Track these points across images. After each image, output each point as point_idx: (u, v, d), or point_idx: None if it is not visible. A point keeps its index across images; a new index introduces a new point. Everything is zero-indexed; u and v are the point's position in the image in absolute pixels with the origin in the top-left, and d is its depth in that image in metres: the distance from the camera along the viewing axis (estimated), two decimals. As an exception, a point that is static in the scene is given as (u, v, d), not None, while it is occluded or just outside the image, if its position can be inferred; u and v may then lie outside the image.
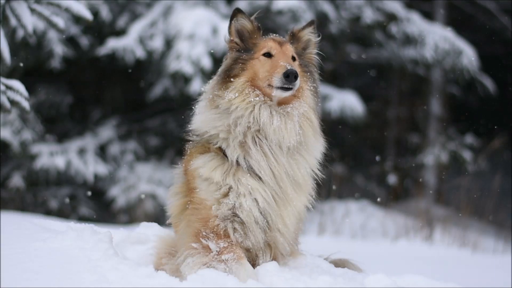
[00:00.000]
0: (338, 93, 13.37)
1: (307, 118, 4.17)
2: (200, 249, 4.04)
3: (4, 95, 5.34)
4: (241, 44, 4.34)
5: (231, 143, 4.10)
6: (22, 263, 3.78)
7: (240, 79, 4.18)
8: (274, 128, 4.07)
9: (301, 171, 4.15)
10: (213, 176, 4.09)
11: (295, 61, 4.26)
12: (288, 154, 4.12)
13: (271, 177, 4.08)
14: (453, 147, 14.81)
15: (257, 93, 4.14)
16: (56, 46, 11.95)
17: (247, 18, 4.41)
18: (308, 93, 4.23)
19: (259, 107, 4.10)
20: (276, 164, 4.09)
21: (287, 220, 4.14)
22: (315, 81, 4.33)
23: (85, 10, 5.74)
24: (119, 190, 12.70)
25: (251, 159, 4.08)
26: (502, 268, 8.46)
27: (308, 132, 4.17)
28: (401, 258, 8.95)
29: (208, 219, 4.09)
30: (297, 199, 4.17)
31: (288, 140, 4.08)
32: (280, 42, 4.31)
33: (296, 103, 4.16)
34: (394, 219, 11.99)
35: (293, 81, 4.05)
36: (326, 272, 4.35)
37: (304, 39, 4.41)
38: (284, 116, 4.11)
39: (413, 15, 14.08)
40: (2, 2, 5.51)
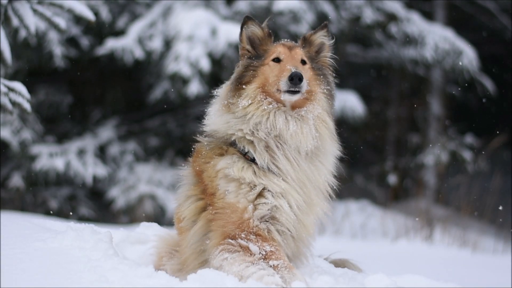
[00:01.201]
0: (339, 93, 13.36)
1: (322, 120, 4.19)
2: (237, 247, 3.93)
3: (6, 96, 5.35)
4: (252, 51, 4.36)
5: (258, 147, 4.09)
6: (22, 263, 3.78)
7: (251, 86, 4.19)
8: (291, 133, 4.09)
9: (322, 177, 4.17)
10: (244, 176, 4.04)
11: (305, 65, 4.27)
12: (308, 159, 4.13)
13: (297, 182, 4.08)
14: (453, 147, 14.81)
15: (269, 100, 4.15)
16: (56, 47, 11.96)
17: (258, 25, 4.38)
18: (321, 96, 4.23)
19: (274, 114, 4.11)
20: (299, 169, 4.09)
21: (310, 229, 4.17)
22: (330, 84, 4.32)
23: (87, 11, 5.76)
24: (118, 191, 12.69)
25: (278, 164, 4.07)
26: (502, 268, 8.47)
27: (325, 135, 4.19)
28: (401, 258, 8.95)
29: (243, 221, 3.99)
30: (319, 205, 4.19)
31: (306, 145, 4.09)
32: (290, 46, 4.33)
33: (309, 106, 4.17)
34: (394, 219, 11.99)
35: (298, 84, 4.06)
36: (326, 272, 4.36)
37: (317, 43, 4.43)
38: (300, 121, 4.13)
39: (413, 15, 14.09)
40: (4, 3, 5.52)
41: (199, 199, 4.26)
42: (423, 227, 11.39)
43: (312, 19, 12.58)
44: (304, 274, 4.21)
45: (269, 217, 4.03)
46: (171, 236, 4.78)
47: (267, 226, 4.01)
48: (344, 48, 15.01)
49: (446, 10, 16.45)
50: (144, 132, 13.81)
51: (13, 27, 5.66)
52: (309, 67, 4.28)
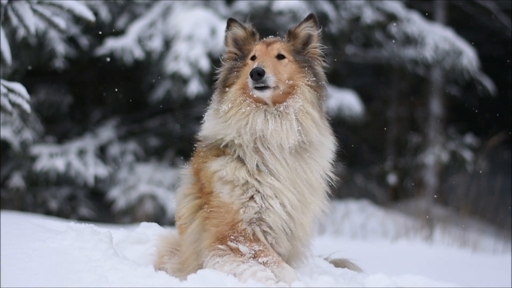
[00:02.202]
0: (336, 92, 13.37)
1: (305, 113, 4.11)
2: (228, 250, 3.99)
3: (5, 97, 5.35)
4: (238, 53, 4.36)
5: (247, 150, 4.07)
6: (22, 263, 3.79)
7: (233, 88, 4.18)
8: (271, 131, 4.04)
9: (315, 175, 4.10)
10: (238, 176, 4.04)
11: (282, 59, 4.20)
12: (296, 156, 4.08)
13: (289, 181, 4.04)
14: (453, 147, 14.81)
15: (249, 101, 4.12)
16: (56, 46, 11.96)
17: (240, 26, 4.37)
18: (304, 88, 4.16)
19: (252, 115, 4.08)
20: (288, 168, 4.05)
21: (307, 228, 4.12)
22: (317, 75, 4.25)
23: (87, 11, 5.76)
24: (119, 191, 12.69)
25: (268, 164, 4.05)
26: (502, 268, 8.46)
27: (310, 127, 4.10)
28: (401, 258, 8.95)
29: (235, 223, 4.02)
30: (315, 203, 4.14)
31: (287, 141, 4.03)
32: (269, 43, 4.29)
33: (290, 101, 4.11)
34: (394, 219, 11.99)
35: (258, 79, 4.00)
36: (326, 272, 4.36)
37: (302, 35, 4.35)
38: (279, 117, 4.07)
39: (413, 15, 14.09)
40: (4, 3, 5.52)
41: (196, 198, 4.28)
42: (423, 227, 11.40)
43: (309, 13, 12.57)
44: (304, 274, 4.22)
45: (257, 219, 4.03)
46: (172, 235, 4.78)
47: (253, 228, 4.01)
48: (344, 48, 15.02)
49: (446, 10, 16.45)
50: (144, 132, 13.82)
51: (13, 27, 5.66)
52: (290, 61, 4.21)
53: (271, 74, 4.05)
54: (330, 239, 10.68)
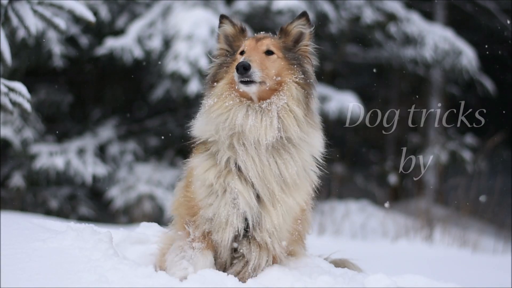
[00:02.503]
0: (337, 94, 13.35)
1: (289, 110, 4.10)
2: (183, 234, 4.22)
3: (6, 96, 5.36)
4: (229, 49, 4.39)
5: (221, 147, 4.13)
6: (22, 263, 3.79)
7: (221, 83, 4.22)
8: (250, 127, 4.05)
9: (289, 170, 4.10)
10: (205, 178, 4.15)
11: (271, 55, 4.20)
12: (272, 152, 4.09)
13: (257, 177, 4.07)
14: (453, 147, 14.81)
15: (234, 95, 4.15)
16: (55, 46, 11.96)
17: (230, 23, 4.41)
18: (291, 85, 4.15)
19: (234, 110, 4.10)
20: (260, 164, 4.07)
21: (275, 221, 4.11)
22: (306, 73, 4.23)
23: (87, 12, 5.76)
24: (118, 191, 12.69)
25: (239, 161, 4.09)
26: (502, 268, 8.47)
27: (290, 124, 4.09)
28: (401, 258, 8.96)
29: (195, 212, 4.20)
30: (287, 199, 4.12)
31: (265, 137, 4.04)
32: (259, 38, 4.30)
33: (274, 97, 4.12)
34: (394, 219, 11.99)
35: (244, 73, 4.01)
36: (326, 272, 4.36)
37: (293, 32, 4.34)
38: (260, 113, 4.08)
39: (413, 15, 14.09)
40: (4, 3, 5.52)
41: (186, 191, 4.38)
42: (423, 227, 11.40)
43: (311, 19, 12.57)
44: (304, 274, 4.22)
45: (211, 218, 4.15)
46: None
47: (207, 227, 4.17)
48: (344, 48, 15.02)
49: (446, 10, 16.45)
50: (144, 132, 13.82)
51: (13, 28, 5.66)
52: (279, 57, 4.22)
53: (257, 69, 4.06)
54: (330, 239, 10.68)
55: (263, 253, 4.18)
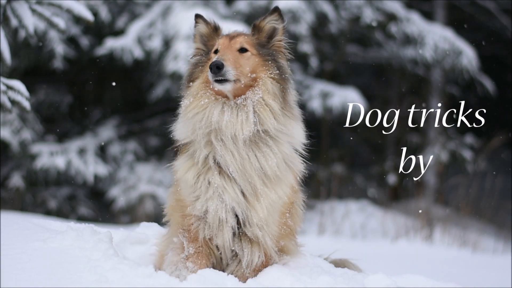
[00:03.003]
0: (339, 90, 13.35)
1: (263, 104, 4.12)
2: (178, 244, 4.20)
3: (5, 95, 5.35)
4: (204, 49, 4.42)
5: (197, 146, 4.17)
6: (22, 263, 3.78)
7: (196, 82, 4.26)
8: (226, 122, 4.08)
9: (269, 163, 4.11)
10: (186, 178, 4.18)
11: (245, 52, 4.22)
12: (251, 146, 4.11)
13: (238, 171, 4.09)
14: (453, 147, 14.80)
15: (209, 94, 4.18)
16: (57, 46, 11.96)
17: (204, 22, 4.44)
18: (266, 80, 4.17)
19: (210, 108, 4.13)
20: (240, 159, 4.09)
21: (260, 214, 4.11)
22: (281, 68, 4.24)
23: (86, 11, 5.76)
24: (119, 191, 12.70)
25: (217, 156, 4.12)
26: (502, 268, 8.47)
27: (267, 117, 4.11)
28: (401, 258, 8.96)
29: (186, 216, 4.21)
30: (269, 192, 4.13)
31: (242, 132, 4.07)
32: (232, 36, 4.32)
33: (249, 93, 4.14)
34: (394, 219, 11.99)
35: (217, 72, 4.05)
36: (326, 272, 4.35)
37: (266, 28, 4.35)
38: (236, 109, 4.11)
39: (413, 15, 14.08)
40: (3, 3, 5.52)
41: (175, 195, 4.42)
42: (423, 227, 11.40)
43: (311, 19, 12.59)
44: (304, 274, 4.21)
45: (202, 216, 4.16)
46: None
47: (198, 224, 4.17)
48: (344, 48, 15.02)
49: (446, 10, 16.44)
50: (144, 132, 13.82)
51: (12, 27, 5.66)
52: (253, 54, 4.24)
53: (231, 68, 4.09)
54: (330, 239, 10.69)
55: (254, 249, 4.18)
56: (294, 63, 13.69)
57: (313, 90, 13.27)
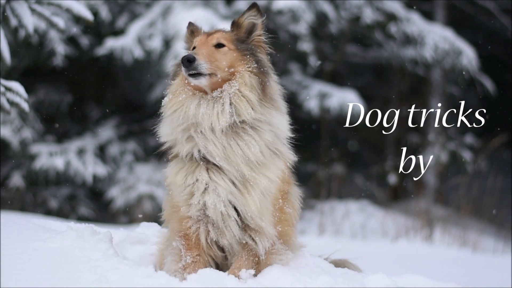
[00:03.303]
0: (338, 91, 13.35)
1: (241, 96, 4.15)
2: (176, 250, 4.19)
3: (3, 96, 5.35)
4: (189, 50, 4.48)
5: (179, 144, 4.24)
6: (22, 263, 3.78)
7: (176, 80, 4.34)
8: (202, 115, 4.12)
9: (252, 150, 4.12)
10: (175, 181, 4.22)
11: (221, 47, 4.27)
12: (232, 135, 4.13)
13: (223, 160, 4.11)
14: (453, 147, 14.80)
15: (187, 89, 4.23)
16: (57, 46, 11.96)
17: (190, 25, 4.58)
18: (244, 73, 4.20)
19: (187, 103, 4.19)
20: (222, 148, 4.12)
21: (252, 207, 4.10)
22: (260, 61, 4.28)
23: (86, 11, 5.76)
24: (118, 191, 12.69)
25: (201, 148, 4.14)
26: (502, 268, 8.47)
27: (243, 108, 4.13)
28: (401, 258, 8.96)
29: (182, 220, 4.20)
30: (258, 177, 4.14)
31: (218, 123, 4.10)
32: (209, 33, 4.40)
33: (225, 85, 4.19)
34: (394, 219, 11.99)
35: (188, 66, 4.12)
36: (326, 272, 4.35)
37: (245, 24, 4.39)
38: (212, 101, 4.15)
39: (413, 15, 14.08)
40: (3, 2, 5.52)
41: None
42: (423, 227, 11.40)
43: (311, 19, 12.59)
44: (304, 274, 4.21)
45: (202, 215, 4.15)
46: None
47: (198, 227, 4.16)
48: (344, 48, 15.01)
49: (446, 10, 16.44)
50: (144, 132, 13.81)
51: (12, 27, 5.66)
52: (231, 49, 4.27)
53: (204, 61, 4.15)
54: (330, 239, 10.69)
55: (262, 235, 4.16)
56: (293, 62, 13.71)
57: (311, 91, 13.28)
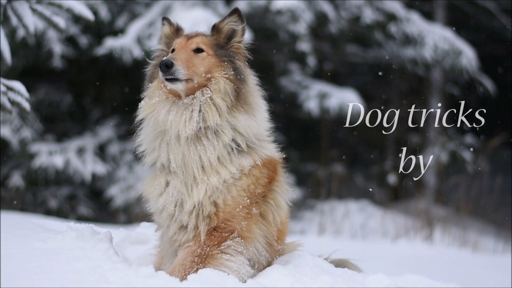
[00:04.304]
0: (337, 91, 13.35)
1: (212, 103, 4.16)
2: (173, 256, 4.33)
3: (4, 96, 5.35)
4: (166, 50, 4.44)
5: (146, 153, 4.35)
6: (22, 263, 3.78)
7: (153, 83, 4.33)
8: (170, 122, 4.15)
9: (208, 154, 4.15)
10: (143, 189, 4.37)
11: (200, 53, 4.25)
12: (194, 142, 4.17)
13: (181, 167, 4.16)
14: (453, 147, 14.80)
15: (162, 92, 4.24)
16: (56, 46, 11.95)
17: (168, 23, 4.50)
18: (219, 79, 4.20)
19: (159, 107, 4.22)
20: (181, 156, 4.16)
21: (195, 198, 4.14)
22: (237, 69, 4.27)
23: (86, 11, 5.76)
24: (117, 190, 12.70)
25: (163, 159, 4.22)
26: (502, 268, 8.47)
27: (211, 116, 4.14)
28: (401, 258, 8.95)
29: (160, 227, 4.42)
30: (208, 178, 4.16)
31: (184, 131, 4.14)
32: (190, 36, 4.36)
33: (198, 92, 4.19)
34: (394, 219, 11.99)
35: (166, 71, 4.09)
36: (326, 272, 4.35)
37: (225, 30, 4.39)
38: (181, 108, 4.17)
39: (412, 15, 14.08)
40: (4, 2, 5.52)
41: None
42: (423, 227, 11.39)
43: (311, 19, 12.59)
44: (304, 274, 4.21)
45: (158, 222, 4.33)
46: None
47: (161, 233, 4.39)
48: (344, 48, 15.01)
49: (446, 10, 16.45)
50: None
51: (12, 27, 5.66)
52: (210, 55, 4.26)
53: (181, 67, 4.13)
54: (330, 239, 10.68)
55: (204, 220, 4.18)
56: (293, 63, 13.71)
57: (311, 91, 13.28)
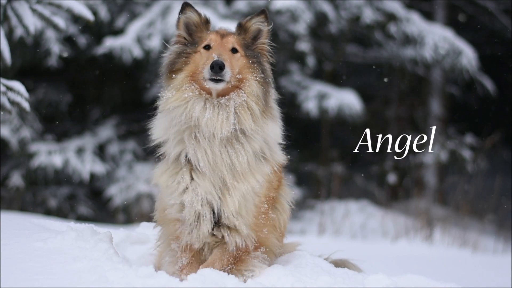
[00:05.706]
0: (336, 92, 13.35)
1: (246, 107, 4.17)
2: (173, 252, 4.27)
3: (4, 96, 5.35)
4: (188, 38, 4.36)
5: (169, 145, 4.23)
6: (22, 263, 3.78)
7: (181, 75, 4.24)
8: (206, 120, 4.11)
9: (239, 159, 4.14)
10: (160, 182, 4.27)
11: (236, 53, 4.25)
12: (224, 144, 4.14)
13: (208, 167, 4.12)
14: (453, 146, 14.80)
15: (194, 87, 4.19)
16: (54, 45, 11.95)
17: (195, 12, 4.38)
18: (252, 82, 4.21)
19: (192, 102, 4.15)
20: (212, 155, 4.13)
21: (231, 207, 4.13)
22: (265, 71, 4.29)
23: (86, 11, 5.76)
24: (117, 189, 12.69)
25: (189, 154, 4.15)
26: (502, 268, 8.47)
27: (246, 119, 4.15)
28: (401, 258, 8.95)
29: (171, 222, 4.29)
30: (238, 185, 4.16)
31: (220, 131, 4.11)
32: (223, 34, 4.32)
33: (234, 94, 4.17)
34: (394, 219, 11.99)
35: (218, 72, 4.07)
36: (326, 272, 4.35)
37: (252, 29, 4.37)
38: (218, 108, 4.14)
39: (412, 15, 14.08)
40: (3, 2, 5.52)
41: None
42: (423, 227, 11.39)
43: (310, 19, 12.59)
44: (304, 274, 4.21)
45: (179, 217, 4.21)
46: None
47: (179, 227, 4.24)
48: (343, 48, 15.01)
49: (446, 10, 16.44)
50: (143, 132, 13.78)
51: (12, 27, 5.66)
52: (242, 55, 4.26)
53: (229, 69, 4.13)
54: (330, 239, 10.69)
55: (234, 234, 4.18)
56: (292, 63, 13.71)
57: (310, 91, 13.28)
